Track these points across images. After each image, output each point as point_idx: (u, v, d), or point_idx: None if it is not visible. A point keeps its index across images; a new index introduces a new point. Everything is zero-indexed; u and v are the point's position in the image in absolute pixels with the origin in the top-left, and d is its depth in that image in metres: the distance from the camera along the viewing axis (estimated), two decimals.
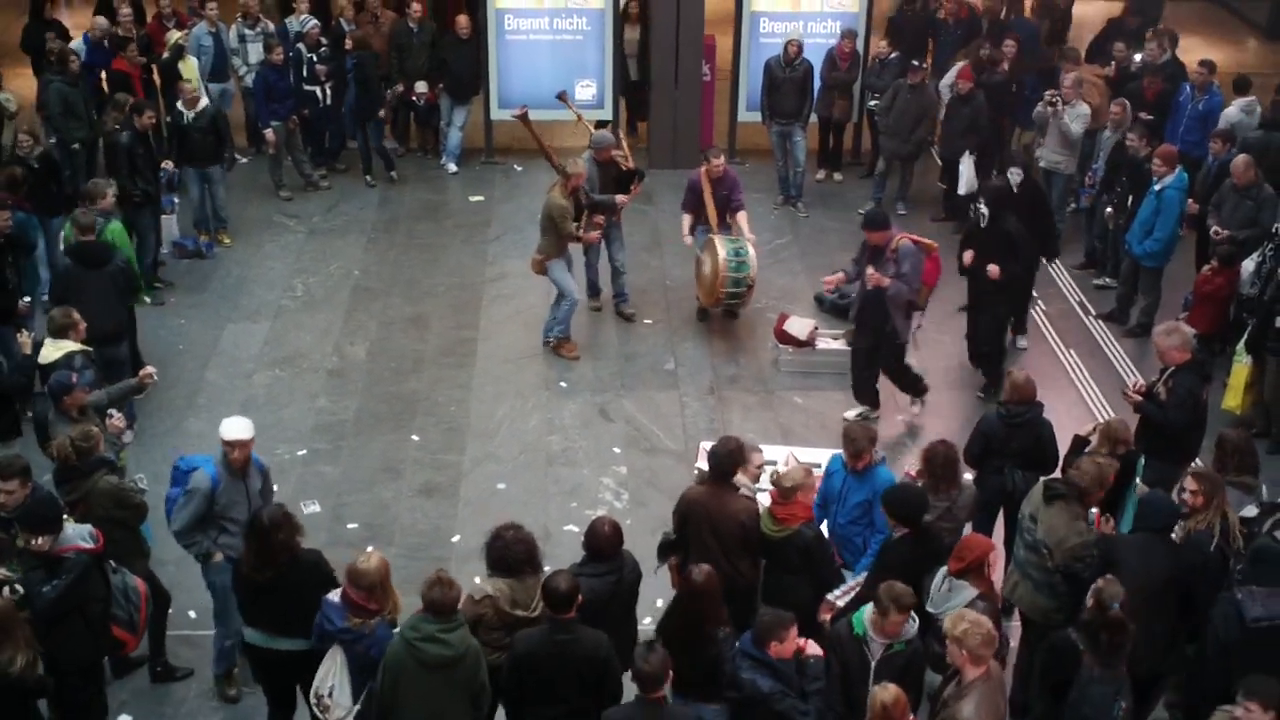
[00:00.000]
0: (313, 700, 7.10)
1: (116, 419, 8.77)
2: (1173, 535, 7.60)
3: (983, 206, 11.66)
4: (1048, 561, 7.73)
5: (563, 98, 14.15)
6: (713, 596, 7.12)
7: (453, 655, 6.62)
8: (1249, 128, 13.39)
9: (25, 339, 9.53)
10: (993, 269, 11.28)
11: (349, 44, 15.14)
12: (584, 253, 12.65)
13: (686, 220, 12.79)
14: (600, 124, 15.18)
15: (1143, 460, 8.55)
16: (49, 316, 9.55)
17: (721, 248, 12.10)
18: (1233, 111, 13.68)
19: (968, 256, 11.58)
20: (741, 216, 12.60)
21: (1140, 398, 9.15)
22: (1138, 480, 8.42)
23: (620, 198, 12.36)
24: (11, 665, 6.71)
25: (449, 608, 6.63)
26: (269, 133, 14.84)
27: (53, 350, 9.33)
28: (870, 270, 10.58)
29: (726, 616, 7.21)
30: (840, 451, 8.45)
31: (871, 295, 10.65)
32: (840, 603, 7.80)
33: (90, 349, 9.58)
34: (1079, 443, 8.62)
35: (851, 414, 10.99)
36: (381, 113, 15.66)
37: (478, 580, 7.44)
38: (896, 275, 10.49)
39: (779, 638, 6.72)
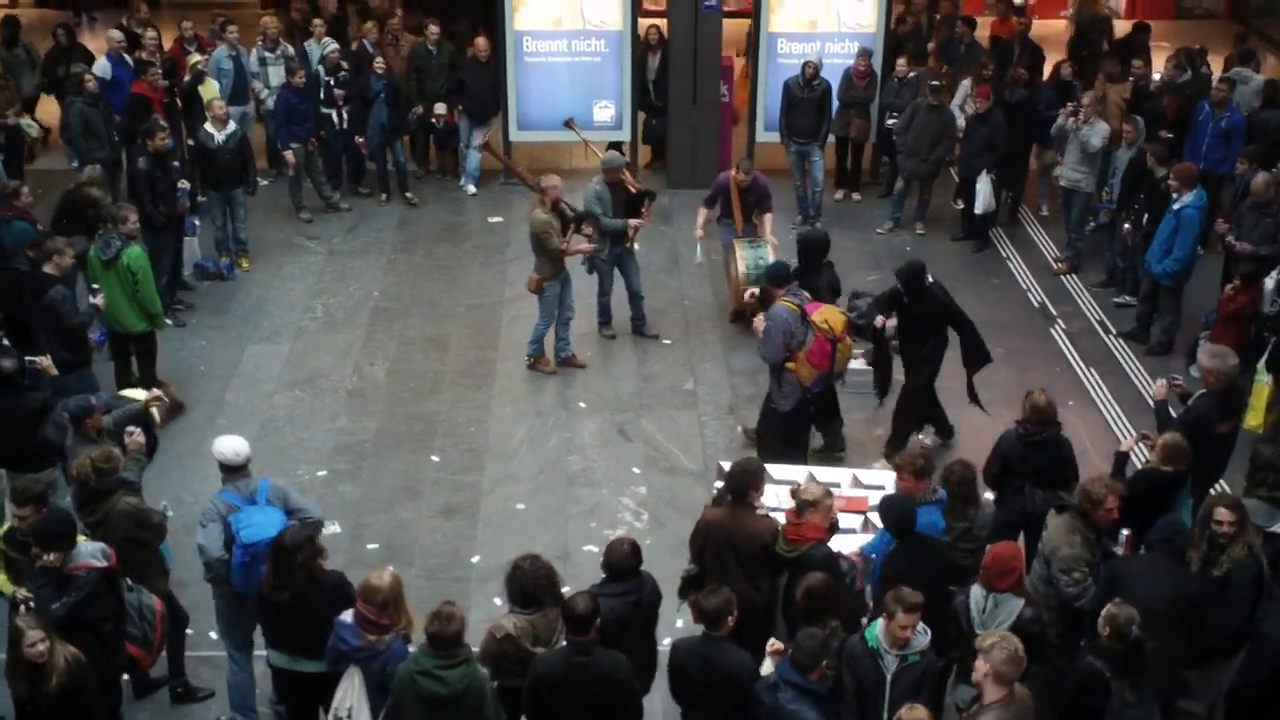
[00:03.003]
0: None
1: (137, 434, 8.78)
2: (1215, 571, 7.58)
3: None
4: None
5: (570, 124, 14.18)
6: (826, 593, 7.13)
7: (449, 694, 6.52)
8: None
9: (46, 363, 9.55)
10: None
11: (380, 66, 15.19)
12: (599, 281, 12.66)
13: (702, 214, 12.86)
14: (613, 145, 15.19)
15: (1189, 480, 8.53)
16: None
17: (743, 259, 12.17)
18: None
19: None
20: (767, 218, 12.70)
21: (1169, 392, 9.29)
22: (1186, 493, 8.44)
23: (633, 221, 12.32)
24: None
25: (449, 641, 6.52)
26: (288, 155, 14.92)
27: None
28: (757, 318, 10.58)
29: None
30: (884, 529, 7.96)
31: None
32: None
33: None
34: (1121, 459, 8.71)
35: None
36: (406, 137, 15.81)
37: (498, 601, 7.42)
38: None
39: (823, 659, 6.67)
